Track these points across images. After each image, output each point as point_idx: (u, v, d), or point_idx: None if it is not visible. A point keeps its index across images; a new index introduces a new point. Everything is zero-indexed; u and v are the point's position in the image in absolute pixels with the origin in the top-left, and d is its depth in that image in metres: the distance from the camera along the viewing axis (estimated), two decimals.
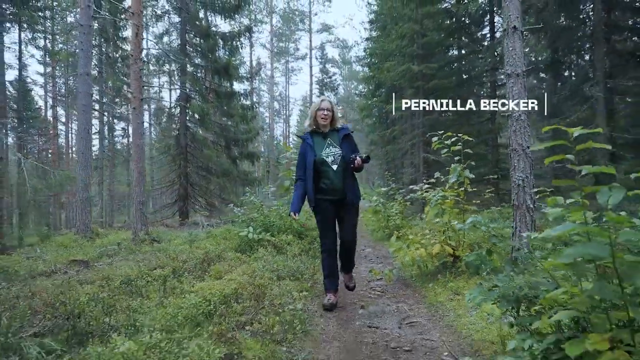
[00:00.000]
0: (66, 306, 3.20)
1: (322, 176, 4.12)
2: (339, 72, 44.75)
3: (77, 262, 7.23)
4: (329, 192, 4.13)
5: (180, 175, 17.38)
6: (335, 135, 4.22)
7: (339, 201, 4.15)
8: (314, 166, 4.10)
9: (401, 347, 3.15)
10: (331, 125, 4.24)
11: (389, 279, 5.14)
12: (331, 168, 4.10)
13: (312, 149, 4.14)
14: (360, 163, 3.96)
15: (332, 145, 4.15)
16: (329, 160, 4.10)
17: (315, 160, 4.10)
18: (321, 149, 4.14)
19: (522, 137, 4.61)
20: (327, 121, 4.17)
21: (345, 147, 4.16)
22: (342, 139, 4.19)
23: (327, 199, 4.14)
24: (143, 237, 9.29)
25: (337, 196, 4.13)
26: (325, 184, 4.12)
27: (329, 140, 4.18)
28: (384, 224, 9.17)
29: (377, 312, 4.08)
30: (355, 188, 4.22)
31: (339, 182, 4.09)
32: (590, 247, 1.52)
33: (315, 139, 4.22)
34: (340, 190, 4.11)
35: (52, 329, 2.91)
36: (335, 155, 4.11)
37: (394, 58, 14.53)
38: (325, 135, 4.21)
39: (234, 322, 3.13)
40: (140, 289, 3.99)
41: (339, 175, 4.10)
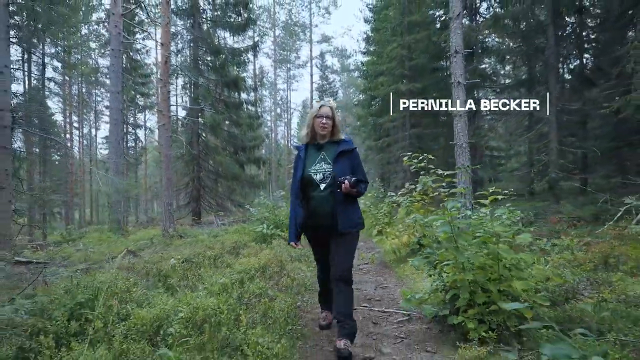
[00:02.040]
0: (159, 273, 5.00)
1: (308, 197, 3.41)
2: (338, 78, 46.68)
3: (129, 252, 9.00)
4: (314, 216, 3.39)
5: (194, 179, 19.17)
6: (333, 148, 3.42)
7: (329, 228, 3.33)
8: (300, 184, 3.43)
9: (374, 298, 4.94)
10: (332, 135, 3.49)
11: (373, 261, 6.94)
12: (318, 187, 3.35)
13: (303, 163, 3.45)
14: (348, 187, 3.17)
15: (325, 161, 3.38)
16: (317, 178, 3.35)
17: (303, 177, 3.41)
18: (312, 163, 3.42)
19: (464, 135, 6.42)
20: (326, 131, 3.43)
21: (342, 165, 3.32)
22: (338, 155, 3.35)
23: (314, 224, 3.43)
24: (172, 233, 11.08)
25: (324, 222, 3.34)
26: (310, 205, 3.40)
27: (322, 154, 3.42)
28: (374, 222, 10.96)
29: (362, 281, 5.86)
30: (350, 213, 3.33)
31: (326, 206, 3.31)
32: (446, 227, 3.34)
33: (309, 151, 3.52)
34: (327, 215, 3.31)
35: (154, 284, 4.70)
36: (325, 173, 3.34)
37: (386, 77, 16.36)
38: (320, 147, 3.47)
39: (267, 282, 4.92)
40: (199, 264, 5.77)
41: (326, 196, 3.31)
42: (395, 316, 4.23)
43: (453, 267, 3.50)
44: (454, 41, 6.27)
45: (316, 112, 3.46)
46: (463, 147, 6.11)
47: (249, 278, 4.70)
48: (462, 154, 6.14)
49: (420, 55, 14.78)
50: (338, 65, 46.88)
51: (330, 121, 3.43)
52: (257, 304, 3.80)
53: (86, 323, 3.06)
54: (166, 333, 2.95)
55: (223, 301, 3.48)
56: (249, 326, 3.18)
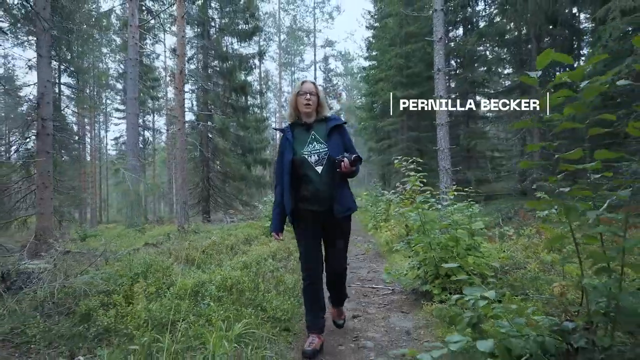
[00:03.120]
0: (187, 257, 6.01)
1: (303, 181, 3.14)
2: (342, 80, 47.75)
3: (149, 244, 10.02)
4: (312, 201, 3.15)
5: (203, 179, 20.20)
6: (322, 126, 3.21)
7: (325, 214, 3.16)
8: (291, 168, 3.13)
9: (366, 279, 5.93)
10: (317, 113, 3.26)
11: (367, 252, 7.93)
12: (314, 170, 3.10)
13: (292, 145, 3.17)
14: (348, 166, 2.97)
15: (317, 141, 3.15)
16: (312, 160, 3.11)
17: (294, 159, 3.12)
18: (302, 145, 3.16)
19: (445, 141, 7.41)
20: (311, 108, 3.18)
21: (334, 143, 3.14)
22: (330, 132, 3.16)
23: (310, 209, 3.18)
24: (187, 229, 12.09)
25: (323, 207, 3.14)
26: (308, 190, 3.14)
27: (312, 134, 3.18)
28: (372, 219, 11.95)
29: (357, 267, 6.85)
30: (347, 197, 3.21)
31: (325, 189, 3.10)
32: (416, 216, 4.33)
33: (296, 132, 3.25)
34: (326, 199, 3.11)
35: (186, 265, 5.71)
36: (321, 154, 3.11)
37: (385, 83, 17.37)
38: (309, 127, 3.22)
39: (277, 264, 5.93)
40: (219, 252, 6.78)
41: (325, 179, 3.09)
42: (381, 291, 5.22)
43: (423, 248, 4.48)
44: (437, 61, 7.33)
45: (298, 89, 3.22)
46: (444, 152, 7.13)
47: (263, 260, 5.70)
48: (444, 157, 7.16)
49: (417, 64, 15.77)
50: (342, 68, 48.00)
51: (314, 97, 3.18)
52: (271, 278, 4.82)
53: (145, 288, 4.07)
54: (204, 295, 3.95)
55: (245, 274, 4.50)
56: (265, 291, 4.19)
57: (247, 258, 5.65)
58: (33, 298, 3.88)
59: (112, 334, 3.27)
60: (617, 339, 2.11)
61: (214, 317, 3.33)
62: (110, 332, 3.29)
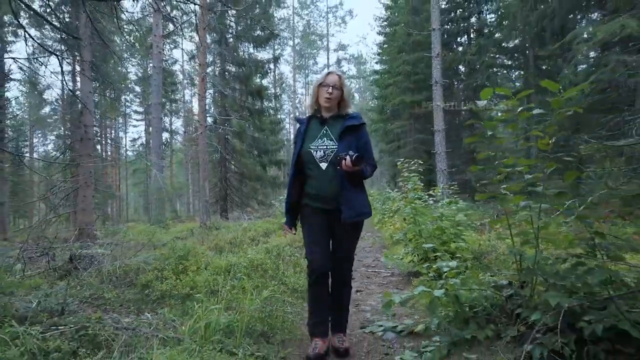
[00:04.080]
0: (216, 245, 6.98)
1: (308, 176, 3.00)
2: (355, 82, 48.60)
3: (176, 238, 11.04)
4: (317, 198, 2.98)
5: (221, 179, 21.25)
6: (339, 123, 2.98)
7: (333, 214, 2.95)
8: (297, 161, 3.00)
9: (370, 265, 6.85)
10: (338, 109, 3.04)
11: (374, 244, 8.84)
12: (319, 167, 2.92)
13: (303, 138, 3.02)
14: (349, 164, 2.72)
15: (329, 137, 2.95)
16: (317, 156, 2.92)
17: (300, 152, 2.98)
18: (313, 138, 2.98)
19: (442, 145, 8.28)
20: (331, 102, 2.97)
21: (346, 143, 2.89)
22: (344, 130, 2.93)
23: (315, 206, 3.01)
24: (209, 225, 13.11)
25: (329, 206, 2.95)
26: (311, 187, 2.98)
27: (325, 129, 2.98)
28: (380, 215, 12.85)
29: (364, 257, 7.76)
30: (359, 200, 2.96)
31: (328, 188, 2.90)
32: (409, 209, 5.25)
33: (311, 124, 3.08)
34: (330, 199, 2.92)
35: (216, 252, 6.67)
36: (327, 150, 2.90)
37: (394, 88, 18.26)
38: (324, 121, 3.03)
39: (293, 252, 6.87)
40: (242, 242, 7.75)
41: (328, 177, 2.89)
42: (382, 274, 6.13)
43: (415, 236, 5.39)
44: (435, 74, 8.23)
45: (322, 80, 2.98)
46: (441, 155, 8.01)
47: (282, 247, 6.66)
48: (440, 160, 8.04)
49: (423, 70, 16.61)
50: (355, 70, 48.85)
51: (337, 92, 2.93)
52: (289, 261, 5.76)
53: (186, 267, 5.04)
54: (236, 272, 4.90)
55: (267, 257, 5.45)
56: (285, 270, 5.14)
57: (267, 246, 6.60)
58: (99, 274, 4.87)
59: (167, 298, 4.24)
60: (535, 291, 2.99)
61: (246, 286, 4.28)
62: (166, 297, 4.26)
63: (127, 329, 3.08)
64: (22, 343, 2.56)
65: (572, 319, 2.51)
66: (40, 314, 3.23)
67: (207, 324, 3.00)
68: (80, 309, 3.78)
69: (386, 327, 3.60)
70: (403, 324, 3.60)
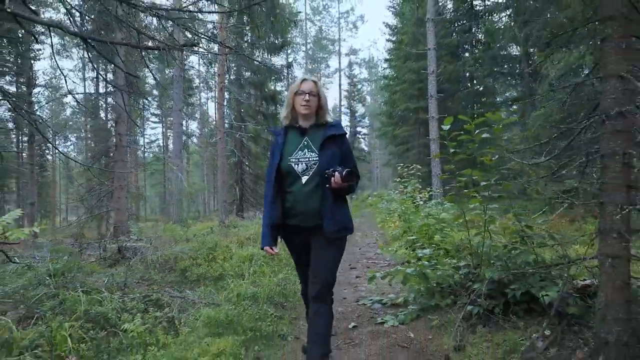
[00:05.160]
0: (238, 240, 8.03)
1: (287, 191, 2.74)
2: (367, 85, 49.52)
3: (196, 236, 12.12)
4: (295, 215, 2.72)
5: (237, 181, 22.37)
6: (319, 133, 2.77)
7: (313, 231, 2.70)
8: (276, 175, 2.73)
9: (371, 258, 7.84)
10: (317, 117, 2.83)
11: (377, 240, 9.83)
12: (299, 180, 2.67)
13: (281, 150, 2.76)
14: (339, 181, 2.52)
15: (309, 148, 2.72)
16: (298, 169, 2.67)
17: (279, 166, 2.72)
18: (292, 151, 2.74)
19: (436, 152, 9.24)
20: (309, 110, 2.75)
21: (328, 153, 2.67)
22: (325, 141, 2.70)
23: (293, 225, 2.74)
24: (227, 224, 14.20)
25: (307, 223, 2.69)
26: (289, 202, 2.72)
27: (305, 140, 2.76)
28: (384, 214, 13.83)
29: (366, 251, 8.75)
30: (339, 214, 2.71)
31: (308, 203, 2.66)
32: (394, 202, 6.25)
33: (289, 136, 2.83)
34: (310, 214, 2.67)
35: (238, 245, 7.73)
36: (309, 162, 2.67)
37: (400, 95, 19.21)
38: (303, 131, 2.79)
39: None
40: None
41: (309, 192, 2.65)
42: (380, 264, 7.13)
43: (407, 231, 6.39)
44: (430, 88, 9.21)
45: (297, 87, 2.77)
46: (436, 161, 8.98)
47: None
48: (435, 165, 9.00)
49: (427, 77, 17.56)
50: (366, 73, 49.78)
51: (314, 99, 2.74)
52: None
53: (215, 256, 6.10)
54: (256, 260, 5.95)
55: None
56: None
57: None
58: (144, 262, 5.96)
59: (202, 280, 5.31)
60: (482, 269, 3.98)
61: (265, 271, 5.32)
62: (201, 279, 5.33)
63: (180, 297, 4.15)
64: (109, 303, 3.64)
65: (502, 288, 3.50)
66: (110, 287, 4.31)
67: (238, 293, 4.06)
68: (137, 285, 4.86)
69: (374, 300, 4.64)
70: (388, 297, 4.63)
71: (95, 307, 3.52)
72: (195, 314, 3.67)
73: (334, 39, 41.49)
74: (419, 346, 3.36)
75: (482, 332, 3.30)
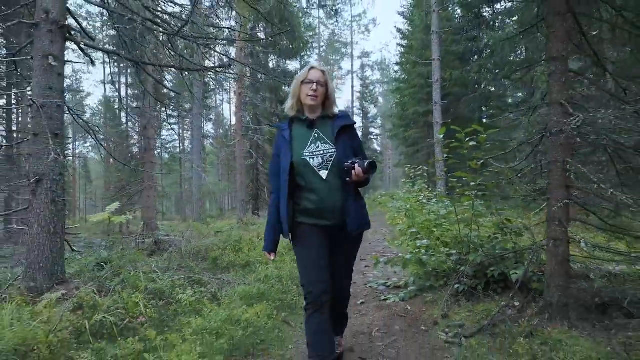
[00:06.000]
0: (258, 235, 8.87)
1: (305, 189, 2.52)
2: (379, 86, 50.18)
3: (220, 232, 13.00)
4: (317, 214, 2.51)
5: (253, 180, 23.28)
6: (329, 124, 2.59)
7: (335, 230, 2.55)
8: (290, 172, 2.49)
9: (380, 251, 8.62)
10: (324, 108, 2.64)
11: (385, 236, 10.60)
12: (318, 176, 2.48)
13: (290, 145, 2.54)
14: (361, 174, 2.36)
15: (322, 140, 2.53)
16: (315, 164, 2.48)
17: (293, 162, 2.49)
18: (304, 145, 2.54)
19: (440, 155, 9.97)
20: (316, 101, 2.56)
21: (343, 145, 2.51)
22: (339, 132, 2.53)
23: (314, 224, 2.53)
24: (245, 221, 15.07)
25: (332, 221, 2.51)
26: (310, 201, 2.50)
27: (316, 132, 2.56)
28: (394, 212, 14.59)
29: (376, 245, 9.53)
30: (360, 209, 2.58)
31: (333, 199, 2.48)
32: (398, 202, 7.03)
33: (296, 129, 2.63)
34: (335, 211, 2.49)
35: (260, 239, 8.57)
36: (326, 156, 2.49)
37: (409, 99, 19.93)
38: (311, 123, 2.59)
39: None
40: None
41: (332, 187, 2.47)
42: (388, 256, 7.90)
43: (411, 226, 7.15)
44: (434, 96, 9.93)
45: (304, 76, 2.57)
46: (440, 163, 9.73)
47: None
48: (439, 167, 9.75)
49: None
50: (379, 75, 50.44)
51: (322, 89, 2.56)
52: None
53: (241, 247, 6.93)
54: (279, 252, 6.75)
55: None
56: None
57: None
58: (179, 252, 6.80)
59: (231, 267, 6.14)
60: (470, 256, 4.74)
61: (285, 259, 6.13)
62: (230, 267, 6.16)
63: (216, 278, 4.99)
64: (162, 281, 4.48)
65: (483, 269, 4.26)
66: (156, 271, 5.15)
67: (266, 275, 4.90)
68: (176, 271, 5.70)
69: (380, 283, 5.45)
70: (391, 281, 5.42)
71: (151, 284, 4.36)
72: (232, 290, 4.50)
73: (347, 42, 42.28)
74: (414, 315, 4.15)
75: (465, 305, 4.07)
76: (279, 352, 3.33)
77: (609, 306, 3.35)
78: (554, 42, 3.15)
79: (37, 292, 4.11)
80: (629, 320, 3.14)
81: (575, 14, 3.25)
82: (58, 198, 4.50)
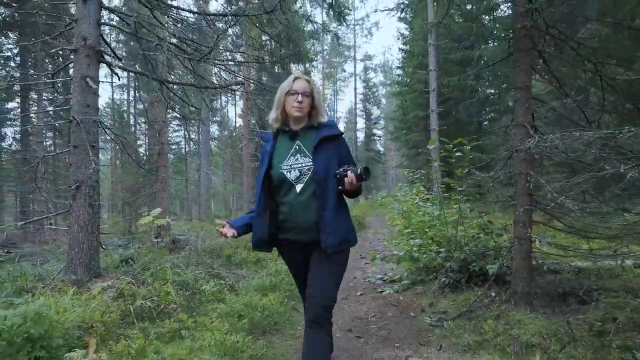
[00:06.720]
0: None
1: (280, 202, 2.38)
2: (382, 87, 50.72)
3: None
4: (288, 228, 2.36)
5: None
6: (312, 135, 2.42)
7: (312, 246, 2.35)
8: (264, 185, 2.40)
9: (379, 250, 9.26)
10: (310, 118, 2.47)
11: (385, 236, 11.23)
12: (293, 190, 2.33)
13: (269, 157, 2.42)
14: (354, 182, 2.21)
15: (302, 153, 2.38)
16: (291, 177, 2.34)
17: (270, 175, 2.39)
18: (283, 157, 2.40)
19: (436, 152, 10.57)
20: (302, 112, 2.40)
21: (323, 157, 2.34)
22: (319, 143, 2.36)
23: (288, 239, 2.39)
24: None
25: (303, 237, 2.34)
26: (284, 214, 2.36)
27: (297, 144, 2.41)
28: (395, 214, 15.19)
29: (377, 244, 10.17)
30: (341, 224, 2.35)
31: (304, 214, 2.31)
32: (400, 208, 7.67)
33: (280, 141, 2.48)
34: (306, 228, 2.31)
35: None
36: (303, 169, 2.34)
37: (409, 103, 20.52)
38: (294, 135, 2.44)
39: None
40: None
41: (304, 201, 2.31)
42: (387, 254, 8.54)
43: (407, 227, 7.77)
44: (431, 104, 10.53)
45: (288, 87, 2.39)
46: (436, 167, 10.33)
47: None
48: (435, 171, 10.35)
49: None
50: (382, 76, 51.01)
51: (308, 99, 2.40)
52: None
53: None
54: None
55: None
56: None
57: None
58: (195, 250, 7.45)
59: (244, 263, 6.78)
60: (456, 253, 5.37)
61: None
62: (243, 263, 6.81)
63: (232, 273, 5.64)
64: (186, 274, 5.13)
65: (467, 265, 4.90)
66: (180, 265, 5.81)
67: (276, 270, 5.55)
68: (196, 266, 6.36)
69: (377, 277, 6.10)
70: (387, 276, 6.07)
71: (177, 277, 5.02)
72: (247, 283, 5.16)
73: (350, 45, 42.86)
74: (405, 304, 4.80)
75: (450, 295, 4.71)
76: (290, 331, 4.00)
77: (569, 295, 3.99)
78: (519, 74, 3.79)
79: (79, 284, 4.77)
80: (582, 306, 3.78)
81: (540, 50, 3.90)
82: (94, 202, 5.15)
